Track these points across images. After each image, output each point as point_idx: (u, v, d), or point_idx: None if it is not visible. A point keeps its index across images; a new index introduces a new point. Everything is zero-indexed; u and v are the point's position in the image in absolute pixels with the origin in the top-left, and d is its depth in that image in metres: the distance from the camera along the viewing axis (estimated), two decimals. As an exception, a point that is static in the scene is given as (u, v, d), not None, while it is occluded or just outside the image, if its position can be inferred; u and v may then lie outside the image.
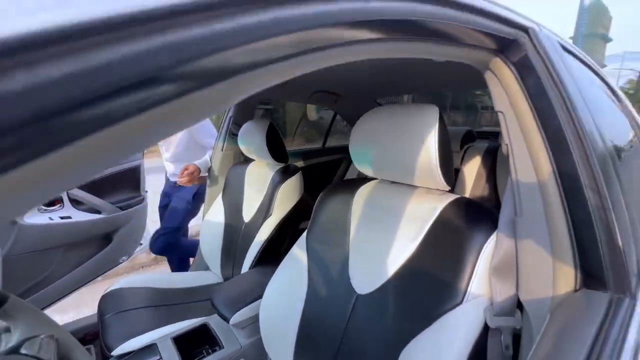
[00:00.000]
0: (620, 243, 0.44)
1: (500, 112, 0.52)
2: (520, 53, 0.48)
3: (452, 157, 0.66)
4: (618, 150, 0.68)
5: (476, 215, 0.59)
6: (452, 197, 0.65)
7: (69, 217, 1.29)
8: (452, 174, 0.64)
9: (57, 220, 1.27)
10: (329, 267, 0.77)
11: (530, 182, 0.50)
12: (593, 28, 77.88)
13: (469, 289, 0.54)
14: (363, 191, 0.78)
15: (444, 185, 0.62)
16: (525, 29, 0.48)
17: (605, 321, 0.40)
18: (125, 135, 0.17)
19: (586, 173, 0.46)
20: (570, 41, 0.73)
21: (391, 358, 0.59)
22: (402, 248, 0.65)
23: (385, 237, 0.68)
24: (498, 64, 0.49)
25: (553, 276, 0.48)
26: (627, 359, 0.38)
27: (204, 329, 0.99)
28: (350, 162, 1.63)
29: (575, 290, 0.45)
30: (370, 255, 0.70)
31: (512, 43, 0.47)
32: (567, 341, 0.40)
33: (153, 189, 1.95)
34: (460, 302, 0.54)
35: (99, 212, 1.41)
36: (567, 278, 0.46)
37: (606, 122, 0.68)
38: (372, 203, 0.75)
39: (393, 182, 0.76)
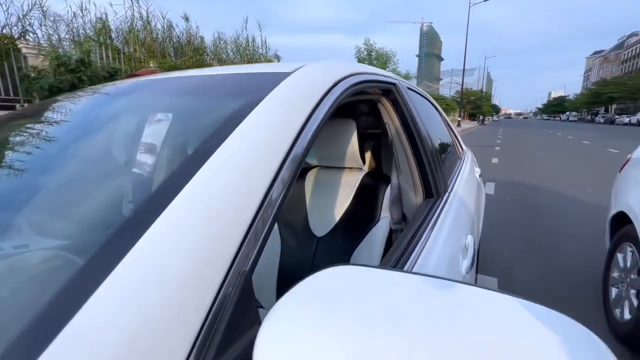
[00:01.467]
0: (436, 177, 1.01)
1: (387, 123, 1.04)
2: (392, 96, 0.99)
3: (362, 147, 1.16)
4: (438, 139, 1.31)
5: (379, 180, 1.11)
6: (365, 171, 1.15)
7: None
8: (364, 158, 1.14)
9: None
10: (295, 225, 1.17)
11: (403, 160, 1.03)
12: (430, 49, 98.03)
13: (380, 215, 1.04)
14: (310, 174, 1.21)
15: (360, 164, 1.11)
16: (393, 84, 1.00)
17: (430, 210, 0.94)
18: None
19: (425, 155, 1.01)
20: (417, 59, 1.34)
21: (346, 262, 1.04)
22: (342, 203, 1.11)
23: (331, 199, 1.13)
24: (383, 100, 1.00)
25: (415, 198, 1.02)
26: (436, 228, 0.90)
27: None
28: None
29: (423, 200, 1.00)
30: (323, 211, 1.13)
31: (389, 90, 0.98)
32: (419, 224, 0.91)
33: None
34: (378, 221, 1.03)
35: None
36: (420, 196, 1.01)
37: (432, 126, 1.31)
38: (319, 180, 1.19)
39: (328, 167, 1.21)
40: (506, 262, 2.60)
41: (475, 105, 54.41)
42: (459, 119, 29.46)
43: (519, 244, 2.95)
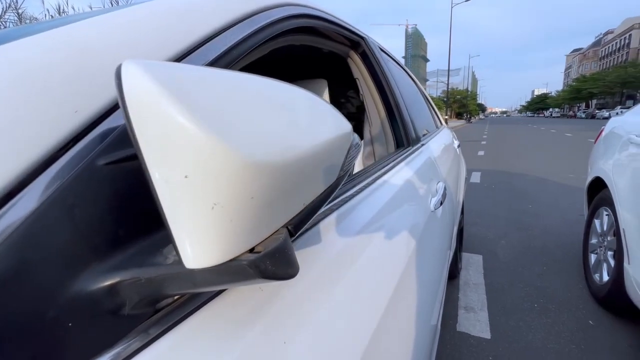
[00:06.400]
0: (407, 128, 1.01)
1: (357, 78, 1.03)
2: (361, 49, 0.99)
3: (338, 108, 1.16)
4: (412, 101, 1.32)
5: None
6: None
7: None
8: None
9: None
10: None
11: (374, 112, 1.03)
12: (416, 51, 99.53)
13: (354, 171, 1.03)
14: None
15: None
16: (362, 37, 1.00)
17: (399, 155, 0.94)
18: None
19: (395, 105, 1.01)
20: (403, 60, 1.35)
21: None
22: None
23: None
24: (352, 53, 0.99)
25: (387, 149, 1.01)
26: (404, 168, 0.90)
27: None
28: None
29: (395, 150, 1.00)
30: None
31: (357, 43, 0.98)
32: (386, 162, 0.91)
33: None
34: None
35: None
36: (391, 148, 1.00)
37: (405, 87, 1.31)
38: None
39: None
40: (490, 241, 2.62)
41: (461, 104, 55.25)
42: (446, 117, 29.97)
43: (503, 224, 2.98)
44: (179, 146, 0.16)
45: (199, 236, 0.18)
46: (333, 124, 0.28)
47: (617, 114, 2.28)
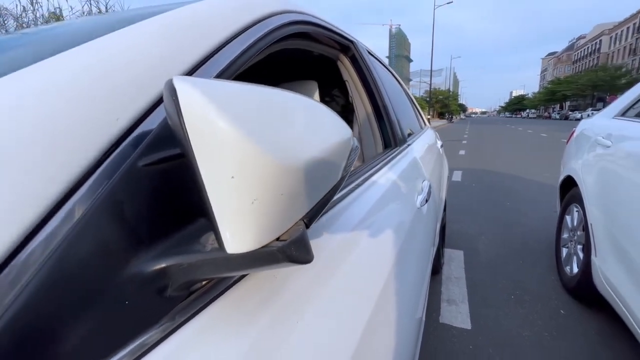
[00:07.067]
0: (394, 129, 1.06)
1: (346, 80, 1.07)
2: (350, 52, 1.03)
3: None
4: (399, 103, 1.37)
5: None
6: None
7: None
8: None
9: None
10: None
11: (362, 113, 1.07)
12: (399, 51, 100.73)
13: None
14: None
15: None
16: (351, 41, 1.03)
17: (386, 156, 0.99)
18: None
19: (382, 106, 1.05)
20: (387, 60, 1.40)
21: None
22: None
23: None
24: (342, 56, 1.03)
25: (375, 149, 1.06)
26: (391, 168, 0.95)
27: None
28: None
29: (383, 150, 1.04)
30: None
31: (347, 47, 1.02)
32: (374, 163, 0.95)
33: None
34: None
35: None
36: (379, 147, 1.05)
37: (392, 90, 1.36)
38: None
39: None
40: (471, 238, 2.73)
41: (443, 104, 56.53)
42: (429, 117, 30.55)
43: (483, 221, 3.11)
44: (228, 152, 0.20)
45: (239, 226, 0.21)
46: (337, 130, 0.31)
47: (587, 115, 2.43)
